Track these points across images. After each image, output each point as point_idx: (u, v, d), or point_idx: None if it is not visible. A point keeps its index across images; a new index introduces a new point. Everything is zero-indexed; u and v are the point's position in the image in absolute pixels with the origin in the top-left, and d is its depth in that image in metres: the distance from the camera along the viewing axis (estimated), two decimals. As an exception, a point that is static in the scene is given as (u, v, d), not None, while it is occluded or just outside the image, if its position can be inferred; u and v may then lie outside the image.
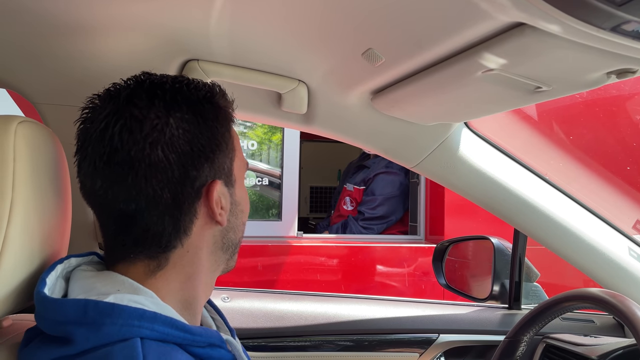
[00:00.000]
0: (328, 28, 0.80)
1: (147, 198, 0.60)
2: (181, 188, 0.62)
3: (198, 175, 0.63)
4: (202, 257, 0.67)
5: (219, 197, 0.65)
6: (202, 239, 0.66)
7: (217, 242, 0.68)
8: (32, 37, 0.86)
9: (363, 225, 2.83)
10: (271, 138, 2.88)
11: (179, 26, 0.86)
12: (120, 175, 0.60)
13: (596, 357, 1.06)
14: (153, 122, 0.60)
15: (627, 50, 0.57)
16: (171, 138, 0.61)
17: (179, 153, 0.61)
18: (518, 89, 0.76)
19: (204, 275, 0.68)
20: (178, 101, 0.63)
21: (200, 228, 0.65)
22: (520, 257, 1.37)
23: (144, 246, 0.62)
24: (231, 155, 0.68)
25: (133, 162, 0.60)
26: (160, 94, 0.62)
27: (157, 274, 0.63)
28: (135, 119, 0.60)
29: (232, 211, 0.69)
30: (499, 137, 1.18)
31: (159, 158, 0.60)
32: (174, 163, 0.61)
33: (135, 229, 0.62)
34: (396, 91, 0.92)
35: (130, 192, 0.60)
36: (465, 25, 0.65)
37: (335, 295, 1.43)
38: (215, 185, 0.64)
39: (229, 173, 0.68)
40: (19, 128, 0.62)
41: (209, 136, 0.64)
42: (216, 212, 0.65)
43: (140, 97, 0.62)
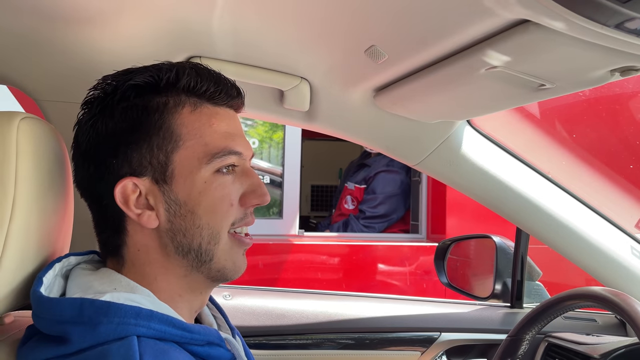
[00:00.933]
0: (331, 25, 0.80)
1: (85, 194, 0.66)
2: (98, 184, 0.63)
3: (108, 172, 0.62)
4: (157, 258, 0.63)
5: (146, 193, 0.61)
6: (144, 238, 0.63)
7: (167, 244, 0.63)
8: (34, 34, 0.85)
9: (364, 224, 2.83)
10: (272, 136, 2.88)
11: (181, 23, 0.86)
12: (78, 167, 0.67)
13: (598, 356, 1.06)
14: (83, 121, 0.65)
15: (631, 47, 0.56)
16: (88, 136, 0.63)
17: (91, 150, 0.63)
18: (521, 87, 0.75)
19: (173, 278, 0.64)
20: (107, 98, 0.64)
21: (135, 226, 0.63)
22: (522, 255, 1.36)
23: (101, 241, 0.66)
24: (168, 146, 0.62)
25: (79, 154, 0.65)
26: (100, 95, 0.65)
27: (123, 272, 0.64)
28: (81, 122, 0.66)
29: (171, 212, 0.62)
30: (501, 135, 1.17)
31: (83, 157, 0.64)
32: (90, 162, 0.63)
33: (95, 224, 0.67)
34: (399, 89, 0.92)
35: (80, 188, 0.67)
36: (468, 22, 0.65)
37: (336, 294, 1.43)
38: (123, 183, 0.61)
39: (160, 168, 0.62)
40: (21, 124, 0.61)
41: (127, 129, 0.61)
42: (130, 212, 0.61)
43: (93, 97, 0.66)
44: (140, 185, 0.61)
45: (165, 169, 0.62)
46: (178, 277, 0.64)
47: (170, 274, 0.64)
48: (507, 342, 1.04)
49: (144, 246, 0.63)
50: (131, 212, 0.61)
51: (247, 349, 0.79)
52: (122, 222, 0.63)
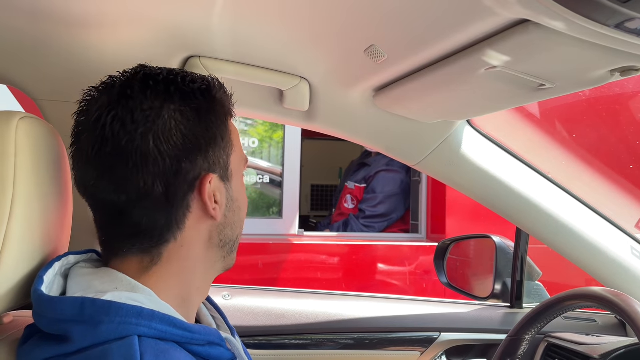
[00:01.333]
0: (330, 25, 0.80)
1: (138, 190, 0.60)
2: (173, 180, 0.61)
3: (191, 167, 0.62)
4: (198, 253, 0.66)
5: (213, 191, 0.65)
6: (197, 233, 0.65)
7: (213, 238, 0.67)
8: (33, 33, 0.85)
9: (364, 224, 2.83)
10: (272, 136, 2.88)
11: (180, 22, 0.86)
12: (110, 166, 0.60)
13: (598, 357, 1.05)
14: (145, 113, 0.60)
15: (631, 47, 0.56)
16: (163, 129, 0.60)
17: (171, 145, 0.61)
18: (521, 87, 0.75)
19: (200, 272, 0.67)
20: (171, 92, 0.62)
21: (194, 222, 0.64)
22: (522, 255, 1.36)
23: (136, 239, 0.62)
24: (228, 149, 0.67)
25: (123, 153, 0.59)
26: (152, 85, 0.62)
27: (152, 269, 0.63)
28: (127, 109, 0.60)
29: (228, 207, 0.67)
30: (501, 135, 1.17)
31: (150, 149, 0.59)
32: (165, 154, 0.60)
33: (127, 222, 0.61)
34: (398, 88, 0.92)
35: (120, 183, 0.60)
36: (468, 22, 0.64)
37: (336, 294, 1.43)
38: (209, 179, 0.63)
39: (225, 167, 0.67)
40: (20, 124, 0.61)
41: (203, 129, 0.64)
42: (209, 206, 0.64)
43: (133, 88, 0.62)
44: (213, 181, 0.65)
45: (227, 168, 0.67)
46: (204, 269, 0.68)
47: (200, 266, 0.67)
48: (507, 342, 1.04)
49: (189, 242, 0.64)
50: (210, 205, 0.64)
51: (245, 350, 0.79)
52: (183, 218, 0.63)
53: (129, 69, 0.65)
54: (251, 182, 2.81)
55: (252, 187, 2.81)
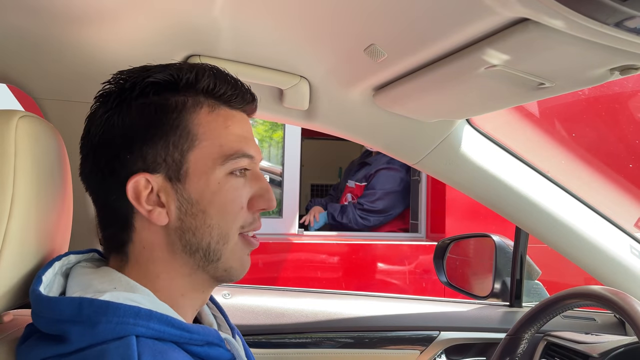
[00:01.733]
0: (330, 24, 0.80)
1: (92, 188, 0.65)
2: (109, 179, 0.63)
3: (121, 166, 0.62)
4: (162, 256, 0.63)
5: (158, 190, 0.61)
6: (152, 235, 0.63)
7: (174, 242, 0.63)
8: (34, 32, 0.85)
9: (360, 215, 2.83)
10: (272, 135, 2.88)
11: (181, 21, 0.86)
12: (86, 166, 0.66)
13: (597, 355, 1.06)
14: (97, 114, 0.64)
15: (630, 46, 0.56)
16: (102, 129, 0.63)
17: (104, 144, 0.63)
18: (521, 86, 0.75)
19: (177, 277, 0.64)
20: (126, 92, 0.63)
21: (144, 223, 0.62)
22: (521, 254, 1.36)
23: (105, 237, 0.66)
24: (184, 145, 0.62)
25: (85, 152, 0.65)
26: (116, 90, 0.64)
27: (125, 270, 0.63)
28: (93, 115, 0.65)
29: (182, 210, 0.62)
30: (500, 134, 1.17)
31: (94, 149, 0.63)
32: (101, 155, 0.63)
33: (99, 219, 0.66)
34: (398, 87, 0.92)
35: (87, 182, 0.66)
36: (468, 20, 0.64)
37: (336, 293, 1.43)
38: (136, 179, 0.61)
39: (174, 166, 0.62)
40: (20, 122, 0.61)
41: (143, 124, 0.61)
42: (143, 208, 0.61)
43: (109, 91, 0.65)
44: (152, 181, 0.61)
45: (179, 167, 0.62)
46: (182, 276, 0.64)
47: (174, 272, 0.64)
48: (506, 341, 1.04)
49: (150, 244, 0.63)
50: (142, 208, 0.61)
51: (248, 348, 0.79)
52: (130, 218, 0.63)
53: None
54: (251, 181, 2.81)
55: (252, 186, 2.81)
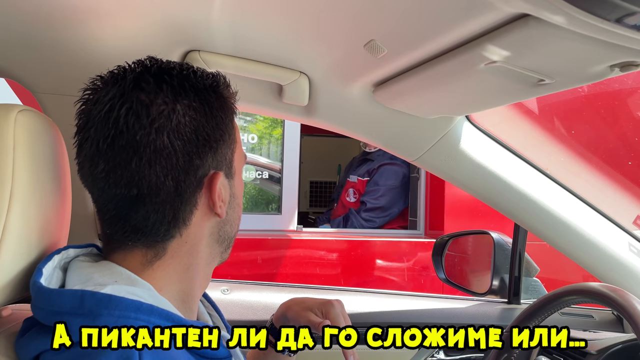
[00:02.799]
0: (330, 19, 0.79)
1: (150, 184, 0.59)
2: (184, 176, 0.61)
3: (201, 164, 0.62)
4: (200, 249, 0.66)
5: (220, 188, 0.65)
6: (201, 230, 0.65)
7: (214, 234, 0.67)
8: (32, 25, 0.85)
9: (365, 217, 2.83)
10: (272, 132, 2.88)
11: (181, 16, 0.85)
12: (124, 159, 0.59)
13: (595, 352, 1.06)
14: (160, 108, 0.60)
15: (631, 42, 0.56)
16: (177, 125, 0.60)
17: (184, 140, 0.60)
18: (521, 82, 0.75)
19: (201, 267, 0.67)
20: (185, 88, 0.62)
21: (199, 219, 0.64)
22: (520, 251, 1.36)
23: (142, 234, 0.61)
24: (233, 146, 0.68)
25: (138, 147, 0.58)
26: (167, 79, 0.61)
27: (155, 264, 0.63)
28: (141, 103, 0.59)
29: (230, 204, 0.68)
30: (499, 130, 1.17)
31: (164, 144, 0.59)
32: (179, 150, 0.60)
33: (135, 216, 0.61)
34: (398, 83, 0.92)
35: (133, 177, 0.59)
36: (468, 16, 0.64)
37: (334, 289, 1.43)
38: (218, 177, 0.64)
39: (229, 165, 0.67)
40: (18, 116, 0.61)
41: (213, 125, 0.64)
42: (217, 203, 0.64)
43: (147, 81, 0.61)
44: (220, 178, 0.65)
45: (231, 166, 0.68)
46: (205, 265, 0.68)
47: (202, 262, 0.67)
48: (505, 337, 1.04)
49: (193, 238, 0.64)
50: (218, 202, 0.64)
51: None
52: (190, 215, 0.63)
53: (138, 60, 0.64)
54: (250, 178, 2.81)
55: (251, 183, 2.81)
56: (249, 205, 2.81)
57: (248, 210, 2.79)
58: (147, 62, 0.64)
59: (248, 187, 2.80)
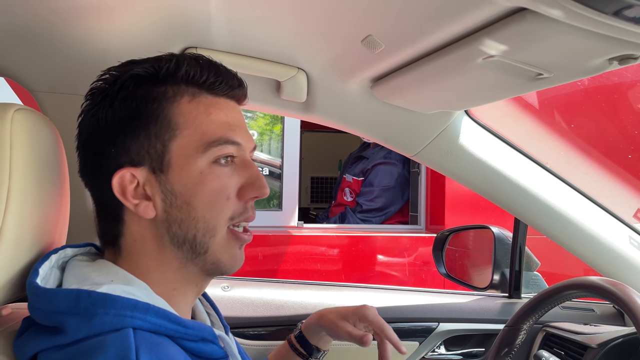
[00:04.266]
0: (327, 15, 0.79)
1: (87, 184, 0.66)
2: (97, 173, 0.63)
3: (108, 161, 0.62)
4: (153, 250, 0.63)
5: (143, 183, 0.61)
6: (140, 228, 0.63)
7: (162, 235, 0.62)
8: (29, 24, 0.85)
9: (361, 218, 2.82)
10: (273, 128, 2.88)
11: (177, 13, 0.85)
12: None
13: (596, 346, 1.06)
14: (85, 111, 0.65)
15: (629, 35, 0.56)
16: (89, 126, 0.64)
17: (91, 140, 0.64)
18: (519, 76, 0.75)
19: (168, 271, 0.63)
20: (106, 88, 0.64)
21: (132, 216, 0.62)
22: (520, 246, 1.36)
23: (100, 230, 0.66)
24: (166, 135, 0.61)
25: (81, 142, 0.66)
26: (102, 86, 0.65)
27: (118, 262, 0.64)
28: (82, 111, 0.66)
29: (167, 202, 0.61)
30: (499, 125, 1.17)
31: (86, 143, 0.64)
32: (87, 149, 0.64)
33: (96, 213, 0.66)
34: (396, 79, 0.91)
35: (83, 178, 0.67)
36: (465, 10, 0.64)
37: (335, 285, 1.43)
38: (120, 174, 0.61)
39: (157, 157, 0.61)
40: (15, 116, 0.61)
41: (124, 118, 0.61)
42: (127, 202, 0.61)
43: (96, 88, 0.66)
44: (137, 175, 0.61)
45: (162, 158, 0.61)
46: (172, 270, 0.64)
47: (165, 265, 0.64)
48: (505, 332, 1.04)
49: (141, 237, 0.63)
50: (128, 203, 0.61)
51: (240, 347, 0.79)
52: (120, 212, 0.63)
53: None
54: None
55: (252, 179, 2.80)
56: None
57: (248, 207, 2.78)
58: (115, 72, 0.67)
59: (248, 183, 2.79)
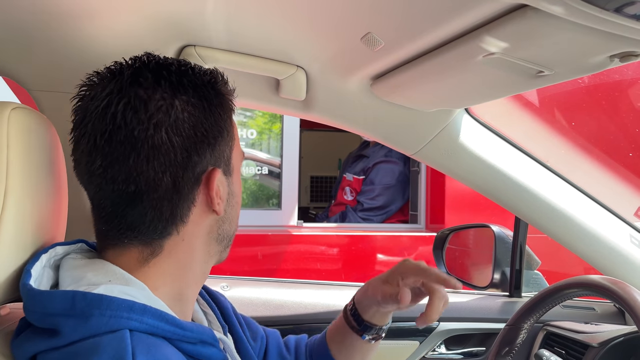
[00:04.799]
0: (326, 12, 0.79)
1: (147, 180, 0.59)
2: (182, 172, 0.61)
3: (199, 161, 0.62)
4: (197, 247, 0.65)
5: (218, 185, 0.64)
6: (198, 228, 0.65)
7: (213, 232, 0.67)
8: (27, 24, 0.84)
9: (362, 217, 2.82)
10: (271, 127, 2.87)
11: (175, 11, 0.85)
12: (121, 155, 0.58)
13: (597, 344, 1.06)
14: (158, 103, 0.59)
15: (630, 32, 0.55)
16: (176, 121, 0.60)
17: (182, 136, 0.60)
18: (520, 74, 0.74)
19: (197, 266, 0.66)
20: (184, 84, 0.62)
21: (197, 216, 0.64)
22: (521, 245, 1.36)
23: (139, 231, 0.61)
24: (231, 144, 0.67)
25: (136, 142, 0.58)
26: (166, 75, 0.61)
27: (151, 262, 0.62)
28: (139, 99, 0.59)
29: (228, 202, 0.67)
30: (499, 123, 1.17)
31: (163, 140, 0.59)
32: (177, 146, 0.60)
33: (131, 212, 0.60)
34: (396, 76, 0.91)
35: (130, 172, 0.58)
36: (466, 7, 0.63)
37: (335, 284, 1.43)
38: (216, 173, 0.63)
39: (228, 162, 0.67)
40: (12, 114, 0.61)
41: (212, 122, 0.63)
42: (215, 200, 0.64)
43: (145, 76, 0.60)
44: (218, 175, 0.64)
45: (229, 163, 0.67)
46: (202, 263, 0.67)
47: (199, 260, 0.66)
48: (506, 331, 1.04)
49: (191, 235, 0.64)
50: (216, 200, 0.64)
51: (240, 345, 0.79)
52: (187, 212, 0.62)
53: (135, 56, 0.64)
54: (250, 173, 2.80)
55: (251, 178, 2.81)
56: (249, 201, 2.80)
57: (248, 206, 2.78)
58: (144, 58, 0.64)
59: (248, 182, 2.79)
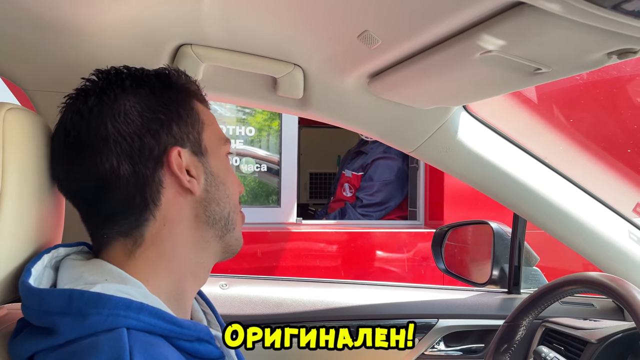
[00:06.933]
0: (323, 10, 0.78)
1: (105, 173, 0.62)
2: (138, 157, 0.62)
3: (155, 143, 0.63)
4: (183, 231, 0.65)
5: (187, 165, 0.65)
6: (178, 210, 0.65)
7: (199, 214, 0.67)
8: (22, 24, 0.84)
9: (361, 213, 2.82)
10: (270, 124, 2.87)
11: (171, 10, 0.84)
12: (75, 156, 0.63)
13: (595, 341, 1.06)
14: (100, 100, 0.63)
15: (628, 29, 0.55)
16: (118, 111, 0.63)
17: (128, 123, 0.63)
18: (517, 71, 0.74)
19: (191, 253, 0.66)
20: (123, 79, 0.65)
21: (171, 198, 0.64)
22: (519, 241, 1.36)
23: (113, 222, 0.63)
24: (197, 126, 0.68)
25: (85, 140, 0.62)
26: (113, 79, 0.65)
27: (137, 253, 0.63)
28: (84, 103, 0.64)
29: (208, 181, 0.68)
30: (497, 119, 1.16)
31: (109, 131, 0.62)
32: (125, 134, 0.62)
33: (103, 206, 0.63)
34: (393, 74, 0.91)
35: (88, 170, 0.62)
36: (463, 5, 0.63)
37: (334, 281, 1.43)
38: (175, 151, 0.64)
39: (196, 143, 0.68)
40: (8, 115, 0.61)
41: (160, 104, 0.65)
42: (182, 178, 0.64)
43: (96, 84, 0.66)
44: (184, 154, 0.65)
45: (199, 144, 0.68)
46: (198, 250, 0.67)
47: (191, 246, 0.66)
48: (505, 327, 1.04)
49: (171, 220, 0.64)
50: (184, 177, 0.64)
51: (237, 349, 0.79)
52: (157, 195, 0.64)
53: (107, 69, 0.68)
54: (249, 170, 2.80)
55: (250, 175, 2.80)
56: (248, 198, 2.80)
57: (247, 203, 2.78)
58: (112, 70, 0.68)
59: (247, 179, 2.79)
